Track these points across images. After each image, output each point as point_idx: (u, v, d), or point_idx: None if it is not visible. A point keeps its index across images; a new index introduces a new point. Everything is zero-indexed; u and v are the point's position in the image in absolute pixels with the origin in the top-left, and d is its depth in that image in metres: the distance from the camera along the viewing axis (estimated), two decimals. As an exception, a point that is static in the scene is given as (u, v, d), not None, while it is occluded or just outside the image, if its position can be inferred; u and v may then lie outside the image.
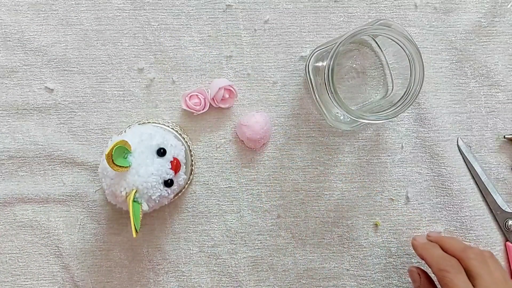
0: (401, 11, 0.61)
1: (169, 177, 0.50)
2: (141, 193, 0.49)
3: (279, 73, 0.60)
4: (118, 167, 0.47)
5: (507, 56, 0.61)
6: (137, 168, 0.48)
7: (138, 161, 0.49)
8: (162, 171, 0.50)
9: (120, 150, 0.47)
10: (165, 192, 0.51)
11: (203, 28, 0.59)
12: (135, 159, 0.49)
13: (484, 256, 0.52)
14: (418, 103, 0.60)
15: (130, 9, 0.59)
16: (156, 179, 0.49)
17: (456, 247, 0.53)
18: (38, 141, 0.59)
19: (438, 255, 0.52)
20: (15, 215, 0.59)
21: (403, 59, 0.53)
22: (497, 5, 0.61)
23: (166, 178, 0.50)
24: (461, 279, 0.49)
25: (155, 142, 0.50)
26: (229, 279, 0.60)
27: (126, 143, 0.48)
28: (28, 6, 0.59)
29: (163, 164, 0.50)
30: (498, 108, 0.61)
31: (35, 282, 0.59)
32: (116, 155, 0.47)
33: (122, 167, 0.47)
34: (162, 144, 0.51)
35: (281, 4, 0.60)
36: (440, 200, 0.61)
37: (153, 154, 0.50)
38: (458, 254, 0.51)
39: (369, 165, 0.61)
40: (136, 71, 0.59)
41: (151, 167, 0.49)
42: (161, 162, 0.50)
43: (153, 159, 0.49)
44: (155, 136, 0.51)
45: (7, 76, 0.59)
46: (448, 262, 0.50)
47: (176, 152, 0.52)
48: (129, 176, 0.48)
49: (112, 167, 0.46)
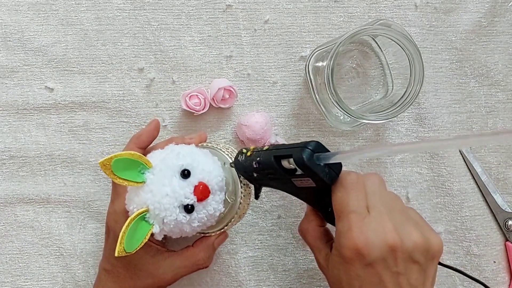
0: (401, 11, 0.61)
1: (189, 202, 0.45)
2: (152, 214, 0.44)
3: (279, 73, 0.60)
4: (121, 180, 0.44)
5: (507, 56, 0.61)
6: (152, 186, 0.45)
7: (156, 179, 0.45)
8: (179, 193, 0.44)
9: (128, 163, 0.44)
10: (182, 218, 0.45)
11: (203, 28, 0.59)
12: (153, 176, 0.45)
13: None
14: (418, 103, 0.60)
15: (130, 9, 0.59)
16: (170, 201, 0.44)
17: None
18: (39, 141, 0.59)
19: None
20: (16, 215, 0.59)
21: (403, 59, 0.53)
22: (497, 5, 0.61)
23: (184, 203, 0.45)
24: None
25: (180, 162, 0.45)
26: (229, 279, 0.60)
27: (140, 157, 0.45)
28: (28, 6, 0.59)
29: (183, 187, 0.44)
30: (498, 107, 0.61)
31: (36, 282, 0.59)
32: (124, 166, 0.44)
33: (128, 181, 0.44)
34: (188, 165, 0.45)
35: (281, 4, 0.60)
36: (440, 200, 0.61)
37: (175, 175, 0.45)
38: None
39: (369, 165, 0.61)
40: (136, 71, 0.59)
41: (167, 187, 0.44)
42: (181, 184, 0.45)
43: (171, 179, 0.45)
44: (183, 156, 0.46)
45: (7, 76, 0.59)
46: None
47: (208, 178, 0.46)
48: (142, 193, 0.45)
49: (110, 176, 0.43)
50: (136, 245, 0.44)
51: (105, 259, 0.52)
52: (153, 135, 0.54)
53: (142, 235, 0.44)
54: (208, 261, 0.52)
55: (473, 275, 0.60)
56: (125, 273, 0.51)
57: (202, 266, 0.52)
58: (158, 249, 0.51)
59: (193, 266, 0.51)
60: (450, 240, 0.61)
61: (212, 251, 0.52)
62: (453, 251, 0.61)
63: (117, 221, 0.50)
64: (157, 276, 0.50)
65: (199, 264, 0.52)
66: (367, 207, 0.42)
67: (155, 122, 0.54)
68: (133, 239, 0.44)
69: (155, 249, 0.51)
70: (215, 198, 0.47)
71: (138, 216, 0.44)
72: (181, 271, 0.51)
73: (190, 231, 0.47)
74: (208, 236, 0.52)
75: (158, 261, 0.50)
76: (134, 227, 0.44)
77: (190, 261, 0.51)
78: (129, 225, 0.43)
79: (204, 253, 0.52)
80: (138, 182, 0.44)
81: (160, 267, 0.50)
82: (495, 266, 0.61)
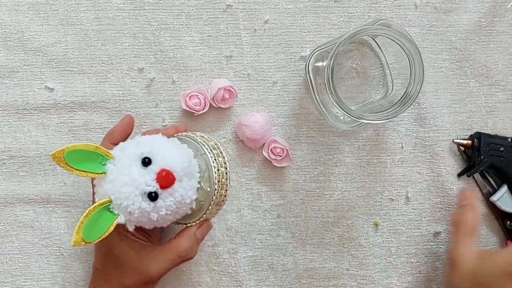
0: (401, 11, 0.61)
1: (151, 189, 0.44)
2: (115, 204, 0.44)
3: (279, 73, 0.60)
4: (79, 171, 0.44)
5: (507, 56, 0.61)
6: (112, 176, 0.44)
7: (116, 169, 0.45)
8: (139, 181, 0.44)
9: (86, 154, 0.44)
10: (146, 206, 0.44)
11: (203, 28, 0.59)
12: (114, 166, 0.45)
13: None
14: (418, 103, 0.60)
15: (130, 9, 0.59)
16: (130, 189, 0.44)
17: None
18: (39, 141, 0.59)
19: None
20: (16, 215, 0.59)
21: (403, 59, 0.53)
22: (497, 5, 0.61)
23: (146, 191, 0.44)
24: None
25: (139, 150, 0.45)
26: (229, 279, 0.60)
27: (98, 148, 0.44)
28: (28, 6, 0.59)
29: (143, 175, 0.44)
30: (498, 107, 0.61)
31: (36, 282, 0.59)
32: (81, 158, 0.43)
33: (86, 172, 0.44)
34: (149, 153, 0.45)
35: (281, 4, 0.60)
36: (440, 200, 0.61)
37: (136, 163, 0.45)
38: None
39: (369, 165, 0.61)
40: (136, 71, 0.59)
41: (126, 176, 0.44)
42: (141, 172, 0.44)
43: (130, 168, 0.44)
44: (144, 144, 0.46)
45: (7, 76, 0.59)
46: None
47: (171, 165, 0.45)
48: (104, 184, 0.45)
49: (64, 168, 0.43)
50: (98, 235, 0.43)
51: (95, 258, 0.53)
52: (126, 131, 0.53)
53: (106, 225, 0.44)
54: (191, 252, 0.51)
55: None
56: (113, 271, 0.50)
57: (186, 257, 0.51)
58: (142, 244, 0.50)
59: (176, 258, 0.50)
60: (450, 240, 0.61)
61: (194, 241, 0.51)
62: (453, 251, 0.61)
63: None
64: (142, 272, 0.49)
65: (182, 255, 0.50)
66: None
67: (128, 118, 0.54)
68: (95, 230, 0.43)
69: (139, 245, 0.50)
70: (182, 185, 0.46)
71: (99, 206, 0.44)
72: (165, 264, 0.50)
73: (160, 220, 0.46)
74: (190, 227, 0.51)
75: (143, 257, 0.50)
76: (96, 217, 0.43)
77: (172, 253, 0.50)
78: (87, 215, 0.43)
79: (186, 243, 0.50)
80: (98, 173, 0.44)
81: (144, 262, 0.50)
82: (495, 266, 0.61)
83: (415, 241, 0.61)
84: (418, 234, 0.61)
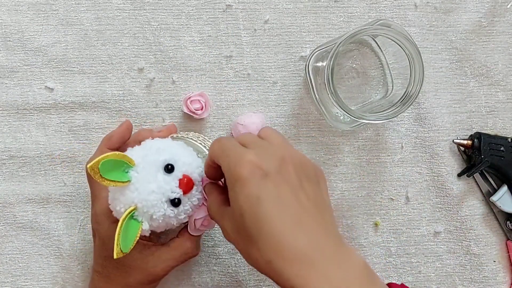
0: (401, 11, 0.61)
1: (175, 196, 0.45)
2: (141, 212, 0.45)
3: (279, 73, 0.60)
4: (109, 181, 0.44)
5: (507, 56, 0.61)
6: (138, 184, 0.45)
7: (140, 176, 0.45)
8: (165, 189, 0.45)
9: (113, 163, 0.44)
10: (170, 212, 0.46)
11: (203, 28, 0.59)
12: (138, 174, 0.45)
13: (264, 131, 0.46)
14: (418, 103, 0.60)
15: (130, 9, 0.59)
16: (157, 197, 0.45)
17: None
18: (39, 141, 0.59)
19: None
20: (15, 216, 0.59)
21: (403, 59, 0.53)
22: (497, 5, 0.61)
23: (171, 197, 0.45)
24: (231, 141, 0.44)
25: (162, 157, 0.46)
26: (229, 279, 0.60)
27: (124, 156, 0.45)
28: (28, 6, 0.59)
29: (169, 182, 0.45)
30: (498, 107, 0.61)
31: (35, 283, 0.59)
32: (109, 168, 0.43)
33: (115, 182, 0.44)
34: (171, 160, 0.46)
35: (281, 4, 0.60)
36: (440, 200, 0.61)
37: (159, 170, 0.46)
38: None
39: (369, 165, 0.61)
40: (136, 71, 0.59)
41: (153, 184, 0.45)
42: (166, 179, 0.45)
43: (156, 176, 0.45)
44: (164, 151, 0.47)
45: (7, 76, 0.59)
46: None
47: (190, 170, 0.47)
48: (128, 192, 0.45)
49: (98, 180, 0.43)
50: (130, 244, 0.44)
51: (95, 261, 0.53)
52: (124, 137, 0.53)
53: (133, 233, 0.45)
54: (196, 249, 0.52)
55: (473, 275, 0.61)
56: (115, 273, 0.51)
57: (191, 254, 0.52)
58: (144, 244, 0.51)
59: (181, 256, 0.51)
60: (450, 240, 0.61)
61: (198, 238, 0.52)
62: (453, 250, 0.61)
63: (100, 223, 0.50)
64: (146, 270, 0.50)
65: (188, 253, 0.51)
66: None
67: (127, 123, 0.54)
68: (127, 239, 0.44)
69: (141, 245, 0.50)
70: (198, 189, 0.48)
71: (128, 215, 0.44)
72: (170, 262, 0.51)
73: (176, 224, 0.48)
74: None
75: (146, 256, 0.50)
76: (126, 226, 0.44)
77: (178, 251, 0.51)
78: (121, 225, 0.43)
79: (191, 241, 0.51)
80: (124, 181, 0.45)
81: (149, 261, 0.50)
82: (495, 265, 0.61)
83: (415, 241, 0.61)
84: (418, 234, 0.61)
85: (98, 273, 0.52)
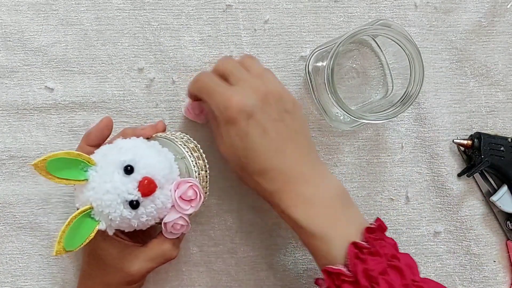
0: (401, 11, 0.61)
1: (132, 198, 0.44)
2: (97, 211, 0.45)
3: (279, 73, 0.60)
4: (62, 179, 0.44)
5: (507, 56, 0.61)
6: (94, 184, 0.44)
7: (98, 176, 0.45)
8: (121, 190, 0.44)
9: (67, 162, 0.44)
10: (128, 214, 0.45)
11: (203, 28, 0.59)
12: (96, 173, 0.45)
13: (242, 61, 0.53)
14: (418, 103, 0.60)
15: (130, 9, 0.59)
16: (112, 197, 0.44)
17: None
18: (39, 141, 0.59)
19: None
20: (15, 216, 0.59)
21: (403, 59, 0.53)
22: (497, 5, 0.61)
23: (128, 199, 0.44)
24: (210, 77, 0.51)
25: (122, 158, 0.45)
26: (229, 279, 0.60)
27: (80, 155, 0.44)
28: (28, 6, 0.59)
29: (126, 183, 0.44)
30: (498, 107, 0.61)
31: (35, 283, 0.59)
32: (62, 166, 0.43)
33: (69, 180, 0.44)
34: (131, 160, 0.45)
35: (281, 4, 0.60)
36: (440, 200, 0.61)
37: (118, 171, 0.45)
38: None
39: (369, 165, 0.61)
40: (136, 71, 0.59)
41: (108, 184, 0.44)
42: (123, 180, 0.44)
43: (112, 176, 0.44)
44: (127, 151, 0.46)
45: (7, 76, 0.59)
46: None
47: (153, 172, 0.45)
48: (85, 191, 0.45)
49: (46, 177, 0.43)
50: (79, 242, 0.44)
51: (82, 258, 0.54)
52: (103, 133, 0.52)
53: (87, 232, 0.44)
54: (174, 251, 0.51)
55: (473, 275, 0.61)
56: (97, 271, 0.51)
57: (169, 256, 0.51)
58: (125, 244, 0.50)
59: (158, 258, 0.50)
60: (450, 240, 0.61)
61: (176, 240, 0.51)
62: (453, 250, 0.61)
63: None
64: (123, 271, 0.49)
65: (164, 254, 0.51)
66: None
67: (106, 120, 0.53)
68: (76, 237, 0.44)
69: (122, 244, 0.50)
70: (163, 192, 0.47)
71: (81, 214, 0.44)
72: (147, 264, 0.50)
73: (141, 225, 0.47)
74: None
75: (124, 256, 0.50)
76: (78, 224, 0.44)
77: (154, 252, 0.50)
78: (69, 223, 0.43)
79: (168, 243, 0.51)
80: (80, 180, 0.44)
81: (126, 261, 0.50)
82: (495, 265, 0.61)
83: (415, 241, 0.61)
84: (418, 234, 0.61)
85: (83, 270, 0.53)
